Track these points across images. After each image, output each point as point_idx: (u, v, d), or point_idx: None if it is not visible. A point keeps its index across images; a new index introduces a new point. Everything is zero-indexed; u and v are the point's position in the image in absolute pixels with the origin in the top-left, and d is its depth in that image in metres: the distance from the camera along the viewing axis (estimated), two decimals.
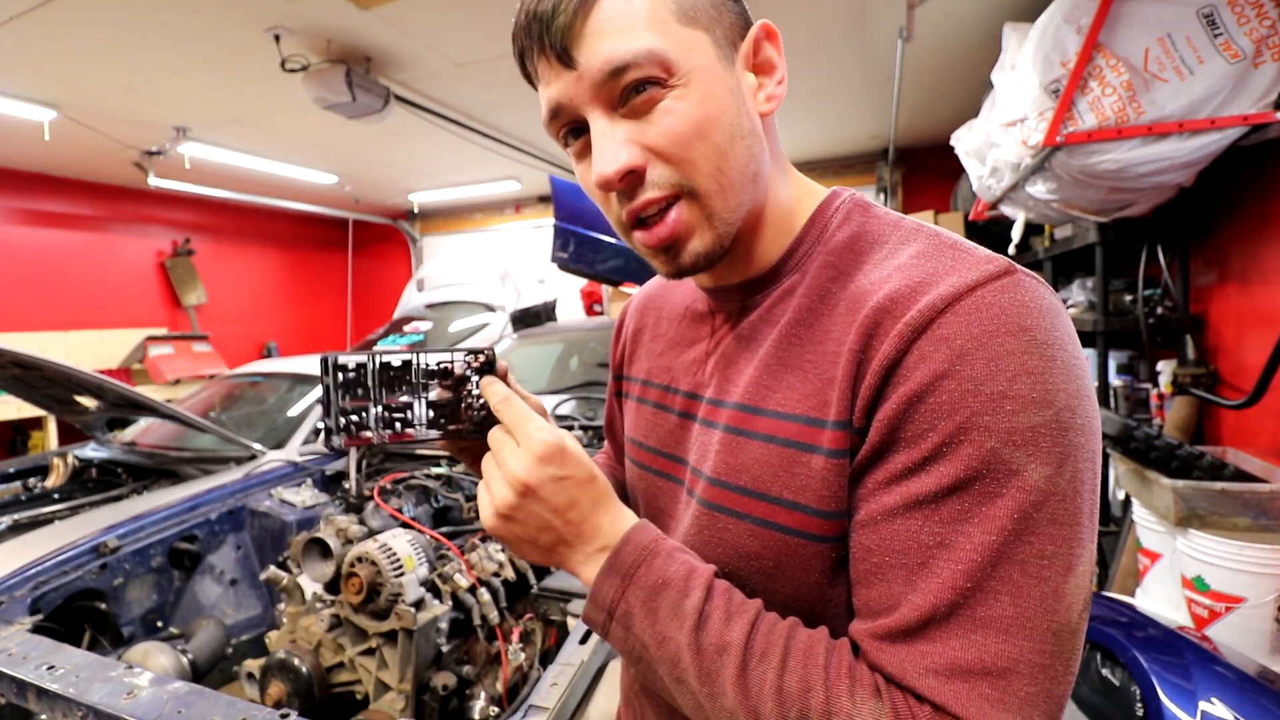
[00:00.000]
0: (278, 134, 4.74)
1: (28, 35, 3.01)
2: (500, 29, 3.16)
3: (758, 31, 0.51)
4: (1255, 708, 0.97)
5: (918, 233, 0.50)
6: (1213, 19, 1.81)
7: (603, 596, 0.48)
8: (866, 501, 0.45)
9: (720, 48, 0.49)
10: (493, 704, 1.36)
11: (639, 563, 0.48)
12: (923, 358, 0.42)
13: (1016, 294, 0.42)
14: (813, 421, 0.48)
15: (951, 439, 0.41)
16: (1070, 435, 0.41)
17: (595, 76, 0.47)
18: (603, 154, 0.48)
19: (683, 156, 0.48)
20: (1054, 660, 0.39)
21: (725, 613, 0.45)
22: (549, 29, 0.46)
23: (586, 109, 0.48)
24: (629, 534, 0.50)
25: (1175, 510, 1.55)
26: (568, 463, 0.49)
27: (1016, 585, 0.39)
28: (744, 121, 0.50)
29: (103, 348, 5.76)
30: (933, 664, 0.40)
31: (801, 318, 0.52)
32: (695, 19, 0.48)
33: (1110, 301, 2.62)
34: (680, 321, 0.66)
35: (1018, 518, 0.39)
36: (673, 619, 0.46)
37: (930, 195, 5.79)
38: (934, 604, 0.41)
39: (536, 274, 6.78)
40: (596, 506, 0.50)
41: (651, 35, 0.46)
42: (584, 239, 3.25)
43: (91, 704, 0.95)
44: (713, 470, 0.53)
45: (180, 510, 1.83)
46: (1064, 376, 0.41)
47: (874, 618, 0.44)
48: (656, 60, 0.46)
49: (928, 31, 3.20)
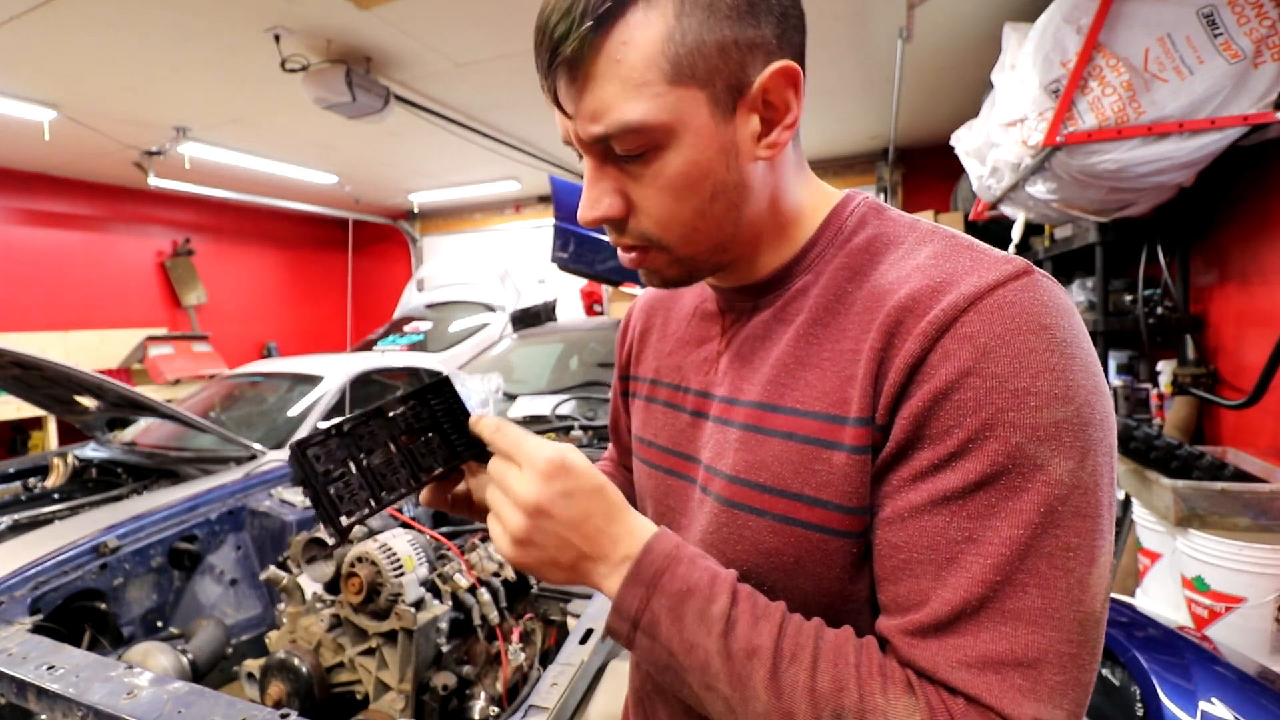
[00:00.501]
0: (278, 134, 4.74)
1: (28, 35, 3.01)
2: (500, 29, 3.16)
3: (769, 77, 0.47)
4: (1255, 708, 0.97)
5: (934, 234, 0.51)
6: (1213, 19, 1.81)
7: (627, 606, 0.47)
8: (892, 498, 0.45)
9: (717, 102, 0.47)
10: (493, 704, 1.35)
11: (662, 570, 0.47)
12: (947, 355, 0.43)
13: (1036, 293, 0.43)
14: (833, 418, 0.48)
15: (977, 435, 0.42)
16: (1090, 430, 0.42)
17: (581, 136, 0.49)
18: (586, 199, 0.51)
19: (657, 217, 0.51)
20: (1080, 649, 0.40)
21: (752, 616, 0.45)
22: (548, 69, 0.47)
23: (581, 149, 0.51)
24: (650, 542, 0.49)
25: (1175, 510, 1.55)
26: (574, 476, 0.49)
27: (1044, 577, 0.40)
28: (731, 175, 0.50)
29: (103, 348, 5.76)
30: (965, 657, 0.41)
31: (818, 317, 0.52)
32: (691, 76, 0.46)
33: (1110, 301, 2.62)
34: (690, 321, 0.66)
35: (1043, 511, 0.40)
36: (700, 625, 0.45)
37: (930, 195, 5.79)
38: (964, 598, 0.41)
39: (536, 274, 6.78)
40: (611, 517, 0.49)
41: (636, 104, 0.45)
42: (584, 239, 3.25)
43: (91, 704, 0.95)
44: (731, 468, 0.54)
45: (180, 510, 1.83)
46: (1083, 373, 0.42)
47: (903, 613, 0.44)
48: (637, 133, 0.46)
49: (928, 31, 3.20)
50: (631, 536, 0.49)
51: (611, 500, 0.50)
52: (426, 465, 0.55)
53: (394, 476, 0.54)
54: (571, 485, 0.48)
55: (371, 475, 0.53)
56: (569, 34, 0.44)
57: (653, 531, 0.50)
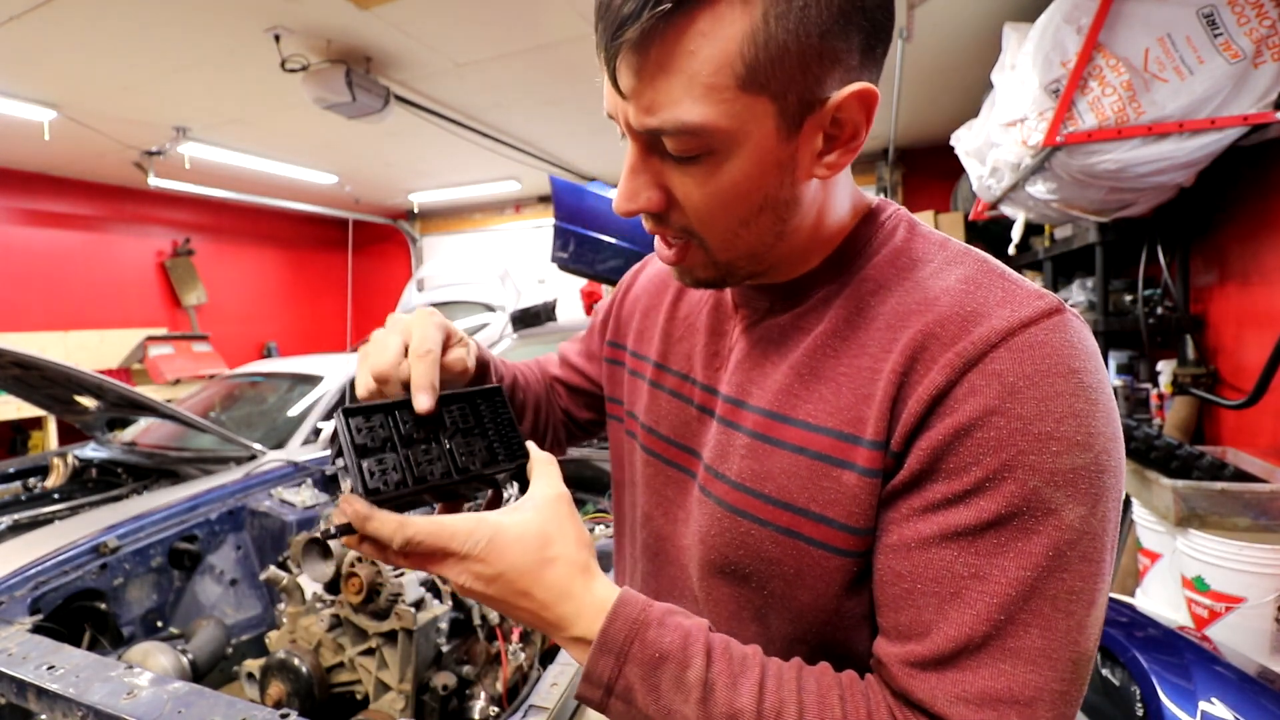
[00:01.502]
0: (278, 134, 4.74)
1: (28, 35, 3.01)
2: (500, 29, 3.16)
3: (845, 98, 0.44)
4: (1255, 708, 0.97)
5: (965, 256, 0.50)
6: (1213, 19, 1.81)
7: (599, 674, 0.45)
8: (900, 525, 0.45)
9: (785, 116, 0.43)
10: (493, 704, 1.36)
11: (631, 638, 0.45)
12: (973, 391, 0.42)
13: (1067, 334, 0.43)
14: (845, 437, 0.47)
15: (995, 475, 0.41)
16: (1105, 477, 0.42)
17: (632, 123, 0.45)
18: (624, 189, 0.49)
19: (700, 217, 0.48)
20: (1070, 687, 0.41)
21: (730, 676, 0.44)
22: (609, 43, 0.42)
23: (627, 132, 0.47)
24: (615, 608, 0.46)
25: (1175, 510, 1.55)
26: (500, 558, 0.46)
27: (1046, 619, 0.41)
28: (784, 193, 0.47)
29: (103, 348, 5.76)
30: (963, 692, 0.41)
31: (837, 329, 0.51)
32: (765, 85, 0.42)
33: (1110, 301, 2.62)
34: (702, 308, 0.64)
35: (1051, 554, 0.41)
36: (676, 693, 0.44)
37: (930, 195, 5.79)
38: (968, 635, 0.41)
39: (536, 274, 6.77)
40: (560, 595, 0.46)
41: (702, 105, 0.42)
42: (584, 239, 3.25)
43: (91, 704, 0.95)
44: (737, 475, 0.53)
45: (180, 510, 1.83)
46: (1104, 420, 0.42)
47: (903, 641, 0.44)
48: (695, 135, 0.43)
49: (928, 31, 3.20)
50: (584, 614, 0.46)
51: (559, 577, 0.47)
52: (462, 466, 0.53)
53: (430, 467, 0.51)
54: (502, 568, 0.46)
55: (407, 461, 0.51)
56: (640, 13, 0.39)
57: (615, 596, 0.47)
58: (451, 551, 0.46)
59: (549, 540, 0.47)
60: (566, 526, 0.49)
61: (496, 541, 0.46)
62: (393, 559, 0.48)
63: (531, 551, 0.47)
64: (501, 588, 0.46)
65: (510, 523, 0.47)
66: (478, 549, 0.46)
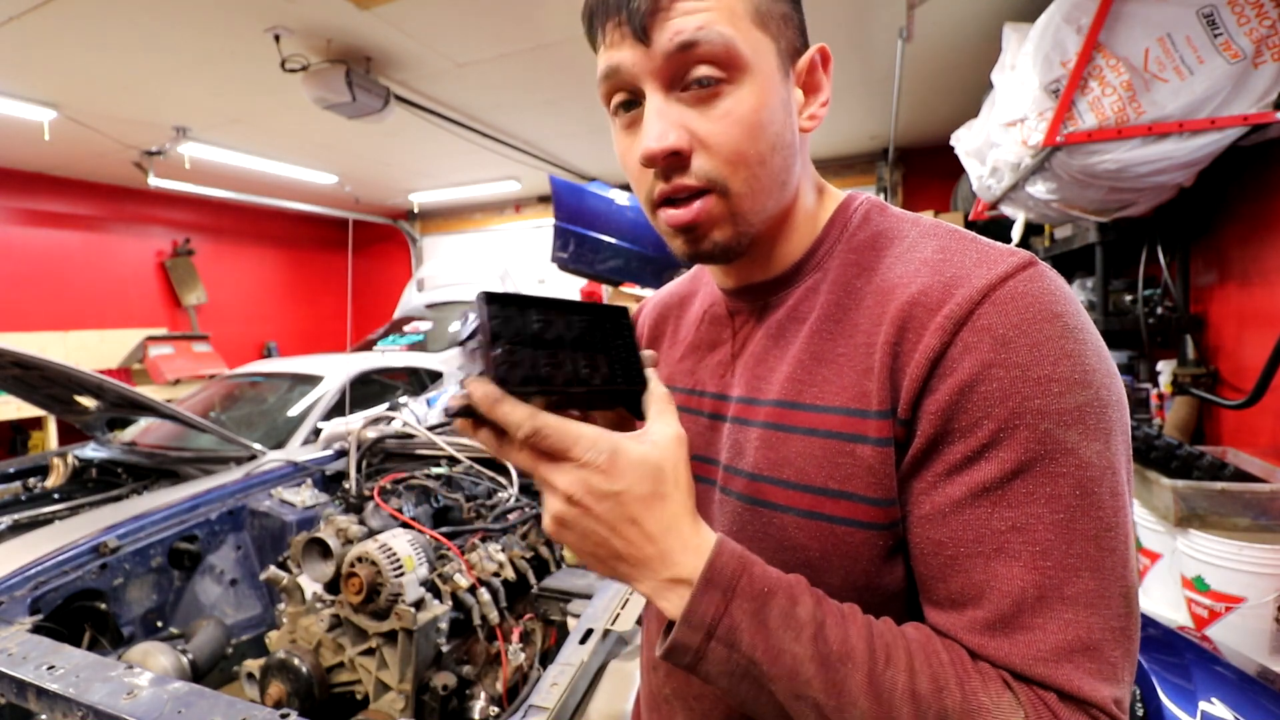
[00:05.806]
0: (278, 134, 4.74)
1: (28, 35, 3.01)
2: (500, 29, 3.16)
3: (815, 53, 0.54)
4: (1255, 708, 0.97)
5: (936, 229, 0.52)
6: (1213, 19, 1.81)
7: (700, 615, 0.43)
8: (929, 494, 0.45)
9: (781, 58, 0.51)
10: (493, 704, 1.36)
11: (739, 573, 0.44)
12: (967, 348, 0.44)
13: (1043, 283, 0.45)
14: (855, 412, 0.48)
15: (1007, 424, 0.42)
16: (1110, 411, 0.43)
17: (665, 48, 0.48)
18: (652, 129, 0.49)
19: (727, 154, 0.49)
20: (1128, 622, 0.42)
21: (839, 616, 0.44)
22: (631, 2, 0.47)
23: (646, 82, 0.49)
24: (719, 545, 0.45)
25: (1175, 510, 1.55)
26: (620, 476, 0.44)
27: (1093, 560, 0.41)
28: (787, 134, 0.51)
29: (103, 348, 5.76)
30: (1038, 651, 0.41)
31: (830, 313, 0.53)
32: (766, 25, 0.50)
33: (1110, 301, 2.62)
34: (699, 325, 0.66)
35: (1079, 493, 0.42)
36: (786, 630, 0.43)
37: (930, 195, 5.79)
38: (1021, 587, 0.42)
39: (536, 274, 6.77)
40: (668, 528, 0.44)
41: (729, 27, 0.48)
42: (584, 239, 3.25)
43: (91, 704, 0.95)
44: (753, 465, 0.53)
45: (180, 510, 1.83)
46: (1096, 357, 0.44)
47: (960, 609, 0.44)
48: (728, 48, 0.47)
49: (928, 31, 3.20)
50: (690, 549, 0.45)
51: (671, 512, 0.45)
52: (584, 378, 0.49)
53: (555, 372, 0.47)
54: (616, 486, 0.43)
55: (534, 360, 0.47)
56: None
57: (716, 539, 0.46)
58: (574, 456, 0.43)
59: (665, 477, 0.45)
60: (681, 470, 0.47)
61: (618, 459, 0.44)
62: (508, 452, 0.45)
63: (649, 480, 0.44)
64: (611, 508, 0.43)
65: (631, 447, 0.45)
66: (600, 459, 0.43)
